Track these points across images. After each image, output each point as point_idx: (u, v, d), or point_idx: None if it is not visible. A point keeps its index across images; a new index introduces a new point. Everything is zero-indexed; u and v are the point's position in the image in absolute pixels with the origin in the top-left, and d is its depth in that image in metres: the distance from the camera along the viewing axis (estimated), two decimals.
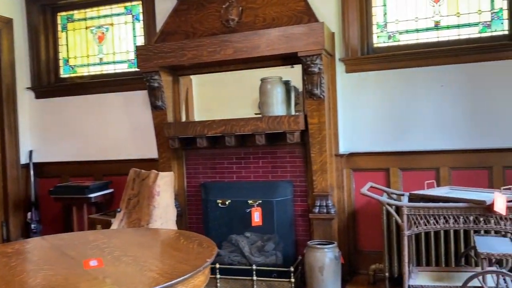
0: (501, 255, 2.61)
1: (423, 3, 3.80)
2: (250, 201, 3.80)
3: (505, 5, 3.59)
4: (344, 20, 3.85)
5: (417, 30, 3.83)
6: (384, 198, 3.06)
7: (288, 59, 3.66)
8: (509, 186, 2.86)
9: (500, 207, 2.60)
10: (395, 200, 3.29)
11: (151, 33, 4.41)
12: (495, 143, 3.55)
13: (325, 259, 3.35)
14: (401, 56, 3.75)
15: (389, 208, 2.98)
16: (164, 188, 3.62)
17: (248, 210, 3.74)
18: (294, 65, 3.73)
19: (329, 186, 3.65)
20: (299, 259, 3.71)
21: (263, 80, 3.74)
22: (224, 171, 4.02)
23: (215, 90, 4.14)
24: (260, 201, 3.79)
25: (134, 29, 4.75)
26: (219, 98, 4.13)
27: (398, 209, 2.92)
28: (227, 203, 3.90)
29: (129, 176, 3.90)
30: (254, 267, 3.59)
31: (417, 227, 2.82)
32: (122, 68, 4.80)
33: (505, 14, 3.59)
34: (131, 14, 4.76)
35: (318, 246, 3.41)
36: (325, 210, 3.63)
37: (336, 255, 3.39)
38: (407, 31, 3.86)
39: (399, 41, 3.88)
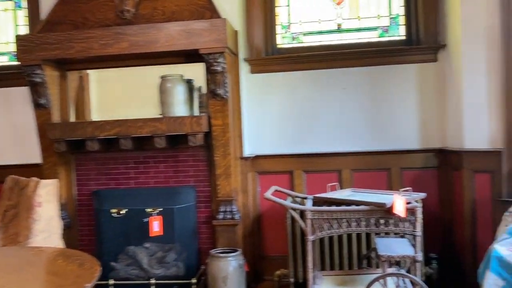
0: (400, 256, 2.64)
1: (326, 5, 3.79)
2: (149, 210, 3.50)
3: (401, 11, 3.70)
4: (248, 19, 3.71)
5: (320, 32, 3.82)
6: (288, 203, 2.96)
7: (190, 56, 3.42)
8: (408, 188, 2.91)
9: (399, 209, 2.61)
10: (299, 203, 3.22)
11: (35, 23, 3.90)
12: (393, 145, 3.64)
13: (229, 268, 3.17)
14: (305, 57, 3.71)
15: (293, 212, 2.88)
16: (47, 198, 3.18)
17: (146, 220, 3.44)
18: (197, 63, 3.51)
19: (234, 191, 3.48)
20: (201, 269, 3.49)
21: (163, 78, 3.47)
22: (120, 177, 3.66)
23: (118, 88, 3.77)
24: (160, 209, 3.50)
25: (15, 17, 4.18)
26: (121, 96, 3.77)
27: (302, 213, 2.83)
28: (123, 212, 3.56)
29: (5, 184, 3.38)
30: (152, 281, 3.31)
31: (320, 231, 2.75)
32: (1, 61, 4.21)
33: (402, 20, 3.71)
34: (13, 0, 4.19)
35: (221, 255, 3.22)
36: (229, 216, 3.46)
37: (240, 263, 3.23)
38: (310, 33, 3.83)
39: (303, 42, 3.84)
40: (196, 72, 3.53)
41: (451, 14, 3.36)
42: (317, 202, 3.06)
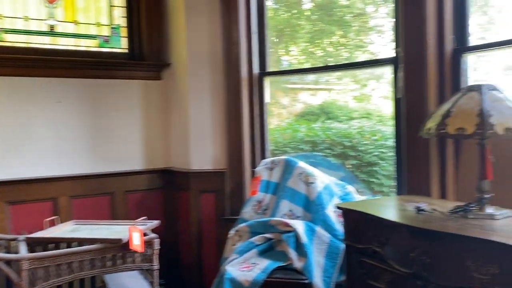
0: None
1: (34, 1, 3.16)
2: None
3: (123, 23, 3.47)
4: None
5: (28, 32, 3.15)
6: None
7: None
8: (144, 218, 2.69)
9: (136, 243, 2.37)
10: (5, 248, 2.52)
11: None
12: (116, 167, 3.34)
13: None
14: (8, 61, 2.98)
15: None
16: None
17: None
18: None
19: None
20: None
21: None
22: None
23: None
24: None
25: None
26: None
27: (12, 263, 2.21)
28: None
29: None
30: None
31: (41, 283, 2.19)
32: None
33: (124, 31, 3.47)
34: None
35: None
36: None
37: None
38: (14, 31, 3.11)
39: (4, 41, 3.08)
40: None
41: (176, 35, 3.36)
42: (32, 243, 2.47)
